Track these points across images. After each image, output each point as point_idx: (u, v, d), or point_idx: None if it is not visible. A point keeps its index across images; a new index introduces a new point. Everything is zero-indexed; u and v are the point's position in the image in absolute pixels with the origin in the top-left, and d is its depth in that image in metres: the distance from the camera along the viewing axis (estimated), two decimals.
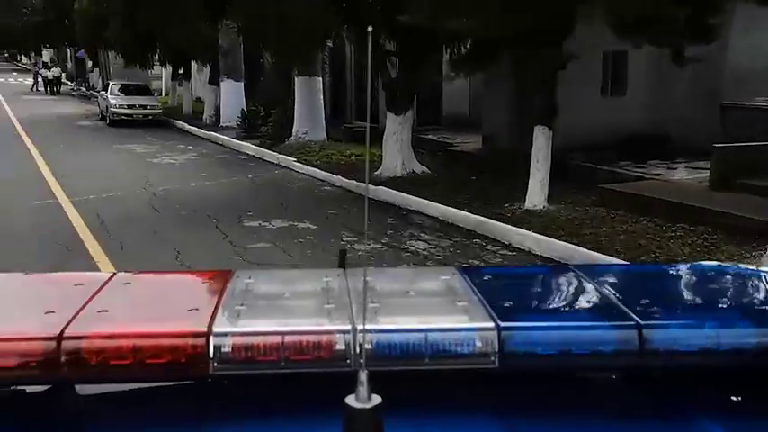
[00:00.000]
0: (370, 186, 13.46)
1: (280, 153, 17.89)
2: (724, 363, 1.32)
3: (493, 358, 1.27)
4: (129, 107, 26.64)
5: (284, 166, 17.04)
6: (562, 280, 1.72)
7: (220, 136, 22.28)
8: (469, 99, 20.19)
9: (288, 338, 1.26)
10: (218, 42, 24.53)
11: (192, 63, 30.54)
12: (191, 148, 20.63)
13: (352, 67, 22.02)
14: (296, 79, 18.75)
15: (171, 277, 2.02)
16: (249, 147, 19.74)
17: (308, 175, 15.86)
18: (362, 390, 1.07)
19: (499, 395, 1.38)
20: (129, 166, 16.92)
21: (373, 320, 1.28)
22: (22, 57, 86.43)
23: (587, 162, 13.48)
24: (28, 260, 8.58)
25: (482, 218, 10.71)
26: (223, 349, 1.26)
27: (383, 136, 14.67)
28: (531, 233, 9.78)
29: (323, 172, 15.45)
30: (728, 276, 1.81)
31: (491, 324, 1.29)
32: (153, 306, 1.50)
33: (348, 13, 13.42)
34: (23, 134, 23.26)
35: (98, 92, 33.54)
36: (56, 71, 46.72)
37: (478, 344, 1.27)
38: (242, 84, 24.66)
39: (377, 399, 1.07)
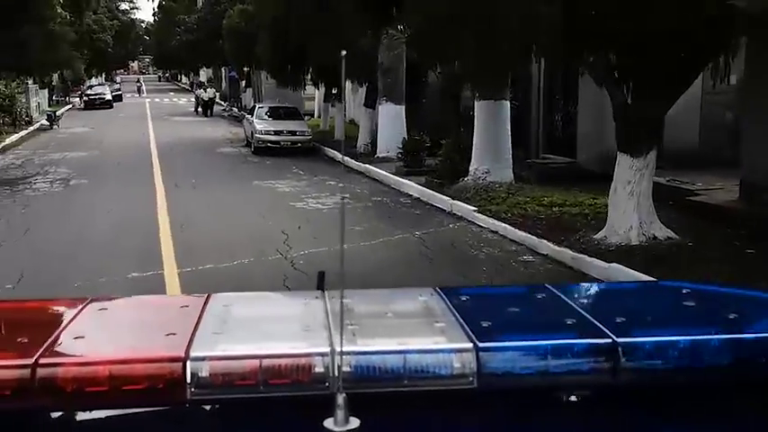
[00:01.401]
0: (600, 263, 9.21)
1: (453, 198, 13.90)
2: (700, 379, 1.35)
3: (471, 378, 1.28)
4: (277, 133, 23.46)
5: (461, 217, 13.02)
6: (539, 299, 1.71)
7: (377, 170, 18.60)
8: (700, 126, 15.49)
9: (266, 362, 1.26)
10: (376, 59, 21.00)
11: (347, 83, 27.20)
12: (342, 185, 17.03)
13: (541, 87, 17.76)
14: (476, 104, 14.70)
15: (147, 302, 1.91)
16: (412, 186, 15.89)
17: (496, 233, 11.76)
18: (340, 413, 1.14)
19: (478, 416, 1.36)
20: (266, 214, 13.41)
21: (352, 342, 1.29)
22: (182, 77, 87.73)
23: None
24: None
25: None
26: (201, 374, 1.25)
27: (611, 184, 10.36)
28: None
29: (518, 231, 11.29)
30: (702, 294, 1.82)
31: (469, 344, 1.31)
32: (129, 332, 1.49)
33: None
34: (156, 164, 20.52)
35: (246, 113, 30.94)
36: (210, 92, 45.14)
37: (457, 364, 1.28)
38: (403, 107, 20.92)
39: (355, 422, 1.14)
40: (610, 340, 1.33)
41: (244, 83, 44.59)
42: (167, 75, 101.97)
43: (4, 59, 21.33)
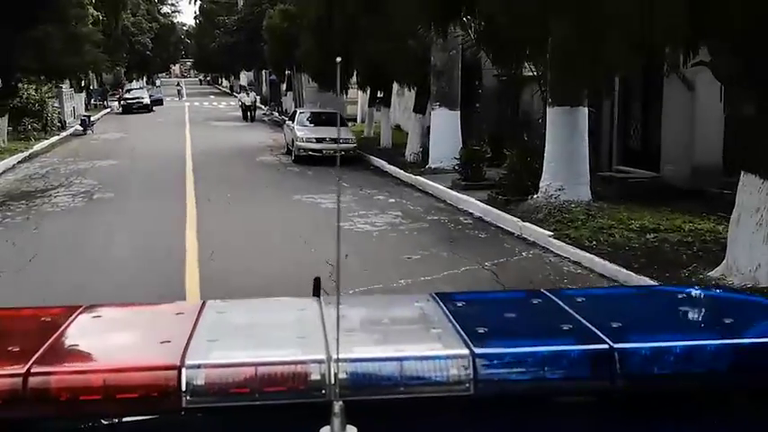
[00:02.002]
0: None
1: (523, 219, 12.06)
2: (697, 385, 1.32)
3: (468, 385, 1.27)
4: (318, 141, 21.74)
5: (533, 243, 11.18)
6: (535, 305, 1.70)
7: (430, 183, 16.81)
8: None
9: (262, 370, 1.24)
10: (428, 60, 19.24)
11: (394, 86, 25.41)
12: (392, 201, 15.27)
13: (617, 89, 15.80)
14: (548, 110, 12.83)
15: (142, 310, 1.86)
16: (473, 203, 14.07)
17: (579, 264, 9.90)
18: (337, 421, 1.10)
19: (474, 422, 1.33)
20: (308, 238, 11.66)
21: (348, 350, 1.27)
22: (223, 80, 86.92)
23: None
24: None
25: None
26: (196, 382, 1.23)
27: (732, 212, 8.45)
28: None
29: (608, 263, 9.42)
30: (698, 299, 1.79)
31: (465, 351, 1.30)
32: (123, 340, 1.47)
33: None
34: (190, 175, 18.96)
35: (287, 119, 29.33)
36: (251, 96, 43.68)
37: (453, 371, 1.27)
38: (458, 113, 19.09)
39: (352, 430, 1.11)
40: (606, 346, 1.32)
41: (284, 86, 43.14)
42: (208, 78, 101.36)
43: (24, 61, 19.97)
